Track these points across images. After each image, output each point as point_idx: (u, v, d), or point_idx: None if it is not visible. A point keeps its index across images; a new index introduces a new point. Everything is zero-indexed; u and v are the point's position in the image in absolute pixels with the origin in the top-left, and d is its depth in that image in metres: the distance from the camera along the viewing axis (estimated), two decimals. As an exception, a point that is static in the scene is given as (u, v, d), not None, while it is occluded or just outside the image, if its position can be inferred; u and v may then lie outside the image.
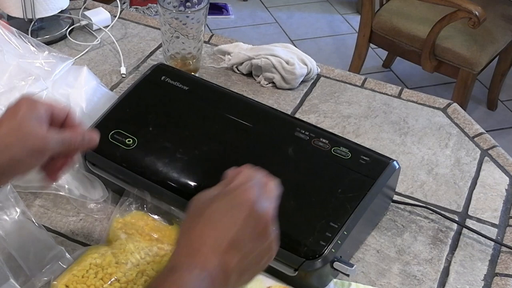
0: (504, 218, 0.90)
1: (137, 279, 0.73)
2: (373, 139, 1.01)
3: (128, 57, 1.17)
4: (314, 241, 0.73)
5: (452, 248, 0.84)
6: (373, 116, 1.06)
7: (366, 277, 0.80)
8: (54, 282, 0.73)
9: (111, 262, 0.74)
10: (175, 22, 1.03)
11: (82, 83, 0.98)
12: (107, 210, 0.85)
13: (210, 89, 0.94)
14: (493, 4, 2.33)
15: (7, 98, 0.91)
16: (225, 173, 0.64)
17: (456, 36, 2.17)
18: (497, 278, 0.81)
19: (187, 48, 1.06)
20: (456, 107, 1.09)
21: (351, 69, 2.42)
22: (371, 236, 0.85)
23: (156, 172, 0.82)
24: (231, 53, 1.14)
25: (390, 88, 1.13)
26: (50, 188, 0.86)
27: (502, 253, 0.84)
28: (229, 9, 3.23)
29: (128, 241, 0.77)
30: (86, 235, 0.83)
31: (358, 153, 0.83)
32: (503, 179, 0.95)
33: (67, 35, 1.20)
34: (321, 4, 3.35)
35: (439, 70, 2.25)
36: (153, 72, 0.95)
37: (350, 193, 0.78)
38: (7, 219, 0.80)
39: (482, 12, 2.01)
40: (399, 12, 2.29)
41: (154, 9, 3.05)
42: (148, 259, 0.75)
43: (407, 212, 0.89)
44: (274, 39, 2.90)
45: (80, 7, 1.27)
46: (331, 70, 1.16)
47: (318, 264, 0.72)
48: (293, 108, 1.07)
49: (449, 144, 1.01)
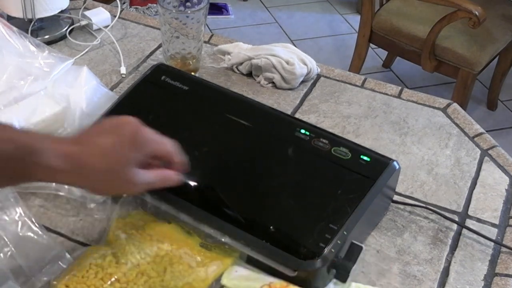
0: (504, 218, 0.90)
1: (137, 279, 0.73)
2: (373, 139, 1.01)
3: (128, 57, 1.17)
4: (314, 241, 0.73)
5: (452, 248, 0.84)
6: (373, 116, 1.06)
7: (366, 277, 0.80)
8: (54, 282, 0.73)
9: (111, 262, 0.74)
10: (175, 22, 1.02)
11: (82, 83, 0.98)
12: (107, 210, 0.85)
13: (210, 89, 0.94)
14: (493, 4, 2.33)
15: (6, 98, 0.91)
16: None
17: (456, 36, 2.17)
18: (497, 278, 0.81)
19: (187, 48, 1.06)
20: (456, 107, 1.09)
21: (351, 69, 2.42)
22: (371, 236, 0.85)
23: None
24: (231, 53, 1.14)
25: (390, 88, 1.13)
26: (50, 188, 0.86)
27: (502, 253, 0.84)
28: (229, 9, 3.23)
29: (128, 241, 0.77)
30: (86, 235, 0.83)
31: (358, 153, 0.83)
32: (503, 179, 0.95)
33: (67, 35, 1.20)
34: (321, 4, 3.35)
35: (439, 70, 2.25)
36: (153, 72, 0.95)
37: (350, 193, 0.78)
38: (7, 219, 0.80)
39: (482, 12, 2.01)
40: (399, 12, 2.29)
41: (154, 9, 3.04)
42: (148, 259, 0.75)
43: (407, 212, 0.89)
44: (274, 39, 2.90)
45: (80, 7, 1.27)
46: (331, 70, 1.16)
47: (317, 264, 0.72)
48: (293, 108, 1.07)
49: (449, 144, 1.01)
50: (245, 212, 0.77)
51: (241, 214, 0.77)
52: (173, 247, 0.77)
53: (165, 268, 0.74)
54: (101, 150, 0.68)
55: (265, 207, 0.78)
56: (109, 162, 0.68)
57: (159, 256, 0.76)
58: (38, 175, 0.66)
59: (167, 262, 0.75)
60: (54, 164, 0.66)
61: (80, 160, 0.67)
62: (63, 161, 0.66)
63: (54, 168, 0.66)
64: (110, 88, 1.07)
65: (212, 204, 0.79)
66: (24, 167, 0.65)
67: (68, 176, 0.68)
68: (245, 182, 0.78)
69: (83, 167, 0.67)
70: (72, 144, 0.68)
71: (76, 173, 0.67)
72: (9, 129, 0.66)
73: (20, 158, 0.64)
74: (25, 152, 0.64)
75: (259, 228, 0.75)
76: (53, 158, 0.66)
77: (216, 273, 0.75)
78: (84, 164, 0.67)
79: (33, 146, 0.65)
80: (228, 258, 0.76)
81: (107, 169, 0.68)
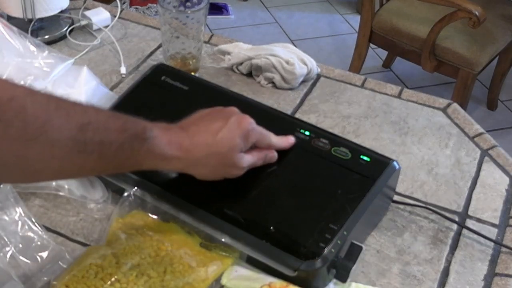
0: (504, 218, 0.90)
1: (137, 279, 0.73)
2: (373, 139, 1.01)
3: (128, 57, 1.17)
4: (314, 242, 0.73)
5: (452, 248, 0.84)
6: (373, 116, 1.06)
7: (366, 277, 0.80)
8: (54, 282, 0.73)
9: (111, 262, 0.74)
10: (175, 22, 1.02)
11: (82, 83, 0.98)
12: (107, 210, 0.85)
13: (210, 89, 0.94)
14: (493, 4, 2.33)
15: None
16: None
17: (456, 36, 2.17)
18: (497, 278, 0.81)
19: (187, 48, 1.06)
20: (456, 107, 1.09)
21: (351, 69, 2.42)
22: (371, 236, 0.85)
23: (155, 173, 0.81)
24: (231, 53, 1.14)
25: (390, 88, 1.13)
26: (50, 188, 0.86)
27: (502, 253, 0.84)
28: (229, 9, 3.23)
29: (128, 241, 0.77)
30: (86, 235, 0.83)
31: (358, 153, 0.83)
32: (503, 179, 0.95)
33: (67, 35, 1.20)
34: (321, 4, 3.35)
35: (439, 70, 2.25)
36: (153, 72, 0.95)
37: (350, 193, 0.78)
38: (7, 219, 0.80)
39: (482, 12, 2.01)
40: (399, 12, 2.29)
41: (154, 9, 3.05)
42: (148, 259, 0.75)
43: (407, 212, 0.89)
44: (274, 39, 2.90)
45: (80, 7, 1.27)
46: (331, 70, 1.16)
47: (317, 264, 0.72)
48: (293, 108, 1.07)
49: (449, 144, 1.01)
50: (245, 212, 0.77)
51: (241, 214, 0.77)
52: (173, 247, 0.77)
53: (165, 268, 0.74)
54: (211, 136, 0.71)
55: (265, 207, 0.78)
56: (218, 147, 0.72)
57: (159, 256, 0.76)
58: (148, 163, 0.68)
59: (167, 262, 0.75)
60: (165, 151, 0.68)
61: (189, 147, 0.70)
62: (173, 148, 0.69)
63: (164, 156, 0.68)
64: (110, 88, 1.07)
65: (212, 204, 0.79)
66: (135, 155, 0.66)
67: (177, 163, 0.71)
68: (245, 182, 0.78)
69: (192, 153, 0.70)
70: (181, 131, 0.71)
71: (185, 160, 0.70)
72: (121, 118, 0.66)
73: (132, 147, 0.66)
74: (137, 141, 0.66)
75: (259, 228, 0.75)
76: (164, 146, 0.68)
77: (216, 273, 0.75)
78: (194, 150, 0.70)
79: (144, 135, 0.67)
80: (228, 258, 0.76)
81: (216, 154, 0.72)
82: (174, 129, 0.72)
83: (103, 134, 0.63)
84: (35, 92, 0.60)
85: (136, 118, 0.68)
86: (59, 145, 0.60)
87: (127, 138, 0.65)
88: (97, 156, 0.63)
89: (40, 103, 0.59)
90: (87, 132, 0.61)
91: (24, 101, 0.57)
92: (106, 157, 0.64)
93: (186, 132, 0.72)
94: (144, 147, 0.67)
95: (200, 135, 0.72)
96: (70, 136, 0.60)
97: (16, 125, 0.56)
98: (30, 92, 0.59)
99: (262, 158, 0.78)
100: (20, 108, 0.57)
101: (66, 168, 0.63)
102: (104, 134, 0.63)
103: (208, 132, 0.72)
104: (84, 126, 0.61)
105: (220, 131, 0.72)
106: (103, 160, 0.64)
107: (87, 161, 0.63)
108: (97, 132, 0.62)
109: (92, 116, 0.63)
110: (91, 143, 0.62)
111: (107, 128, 0.64)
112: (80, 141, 0.61)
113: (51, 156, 0.60)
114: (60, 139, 0.59)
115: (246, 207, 0.78)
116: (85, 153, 0.62)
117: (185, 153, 0.70)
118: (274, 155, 0.80)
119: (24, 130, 0.57)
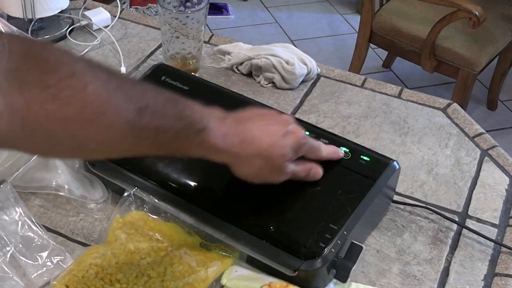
0: (504, 218, 0.90)
1: (137, 279, 0.73)
2: (373, 139, 1.01)
3: (128, 57, 1.17)
4: (314, 241, 0.73)
5: (452, 248, 0.84)
6: (373, 116, 1.06)
7: (366, 277, 0.80)
8: (54, 282, 0.73)
9: (111, 262, 0.74)
10: (175, 22, 1.03)
11: (82, 83, 0.97)
12: (107, 210, 0.85)
13: (210, 89, 0.94)
14: (493, 4, 2.33)
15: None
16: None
17: (456, 36, 2.17)
18: (497, 278, 0.81)
19: (187, 48, 1.06)
20: (456, 107, 1.09)
21: (351, 69, 2.42)
22: (371, 236, 0.85)
23: (156, 173, 0.82)
24: (231, 53, 1.14)
25: (390, 88, 1.13)
26: (50, 188, 0.86)
27: (502, 253, 0.84)
28: (229, 9, 3.23)
29: (128, 241, 0.77)
30: (86, 235, 0.83)
31: (358, 153, 0.83)
32: (503, 179, 0.95)
33: (67, 35, 1.20)
34: (321, 4, 3.35)
35: (439, 70, 2.25)
36: (153, 72, 0.95)
37: (350, 193, 0.78)
38: (7, 219, 0.80)
39: (482, 12, 2.01)
40: (399, 12, 2.29)
41: (154, 9, 3.04)
42: (148, 259, 0.75)
43: (407, 212, 0.89)
44: (274, 39, 2.90)
45: (80, 7, 1.27)
46: (331, 70, 1.16)
47: (317, 264, 0.72)
48: (293, 108, 1.07)
49: (449, 144, 1.01)
50: (245, 212, 0.77)
51: (241, 214, 0.77)
52: (173, 247, 0.77)
53: (165, 268, 0.74)
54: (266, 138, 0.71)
55: (265, 207, 0.78)
56: (269, 151, 0.70)
57: (159, 256, 0.76)
58: (199, 152, 0.67)
59: (167, 262, 0.75)
60: (219, 145, 0.67)
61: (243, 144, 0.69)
62: (227, 143, 0.68)
63: (217, 148, 0.67)
64: (110, 88, 1.07)
65: (212, 204, 0.79)
66: (188, 145, 0.65)
67: (226, 157, 0.70)
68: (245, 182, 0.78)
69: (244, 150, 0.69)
70: (237, 125, 0.70)
71: (235, 155, 0.69)
72: (179, 103, 0.65)
73: (187, 136, 0.64)
74: (193, 131, 0.64)
75: (259, 228, 0.75)
76: (219, 139, 0.67)
77: (216, 273, 0.75)
78: (246, 148, 0.69)
79: (200, 124, 0.65)
80: (228, 258, 0.76)
81: (266, 157, 0.71)
82: (230, 121, 0.69)
83: (160, 120, 0.61)
84: (95, 67, 0.57)
85: (193, 102, 0.65)
86: (115, 129, 0.57)
87: (183, 127, 0.63)
88: (150, 142, 0.61)
89: (100, 80, 0.56)
90: (144, 116, 0.59)
91: (84, 78, 0.54)
92: (159, 144, 0.62)
93: (242, 127, 0.70)
94: (199, 138, 0.65)
95: (256, 134, 0.70)
96: (127, 119, 0.58)
97: (74, 104, 0.53)
98: (90, 68, 0.56)
99: (306, 171, 0.77)
100: (81, 85, 0.53)
101: (117, 149, 0.62)
102: (161, 120, 0.61)
103: (264, 134, 0.71)
104: (142, 110, 0.59)
105: (275, 136, 0.71)
106: (155, 146, 0.62)
107: (139, 145, 0.61)
108: (154, 117, 0.60)
109: (150, 98, 0.61)
110: (146, 129, 0.60)
111: (164, 114, 0.62)
112: (136, 125, 0.59)
113: (105, 138, 0.57)
114: (117, 122, 0.57)
115: (246, 207, 0.78)
116: (139, 139, 0.60)
117: (238, 149, 0.69)
118: (318, 172, 0.78)
119: (82, 110, 0.54)
